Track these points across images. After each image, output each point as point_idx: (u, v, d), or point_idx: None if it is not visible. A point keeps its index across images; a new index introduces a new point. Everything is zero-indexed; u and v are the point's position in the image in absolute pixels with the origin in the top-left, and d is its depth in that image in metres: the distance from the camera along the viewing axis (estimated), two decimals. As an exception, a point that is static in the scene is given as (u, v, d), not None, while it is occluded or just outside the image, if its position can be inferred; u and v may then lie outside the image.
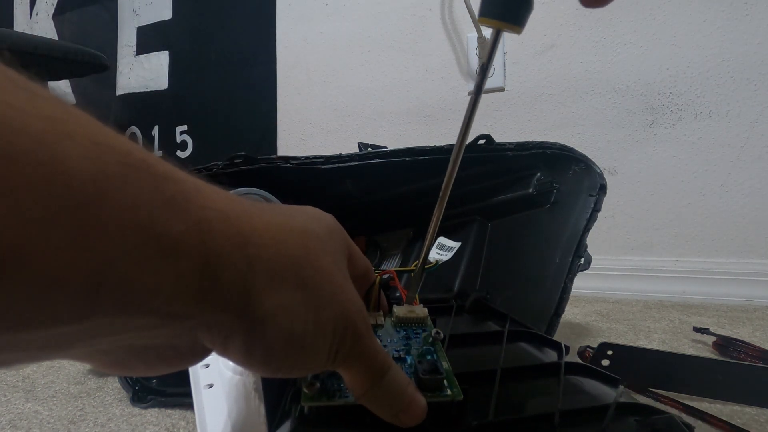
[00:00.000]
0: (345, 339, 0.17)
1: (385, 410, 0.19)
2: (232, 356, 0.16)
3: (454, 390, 0.21)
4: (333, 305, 0.17)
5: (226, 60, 1.19)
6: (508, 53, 0.93)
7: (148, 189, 0.12)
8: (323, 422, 0.20)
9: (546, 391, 0.24)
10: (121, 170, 0.12)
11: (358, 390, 0.19)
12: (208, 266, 0.13)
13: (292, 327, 0.16)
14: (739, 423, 0.34)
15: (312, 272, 0.17)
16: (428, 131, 1.00)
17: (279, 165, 0.50)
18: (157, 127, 1.28)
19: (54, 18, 1.43)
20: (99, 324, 0.12)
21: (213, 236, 0.14)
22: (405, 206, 0.56)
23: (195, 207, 0.14)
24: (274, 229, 0.16)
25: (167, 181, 0.13)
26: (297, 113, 1.13)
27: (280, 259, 0.16)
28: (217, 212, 0.14)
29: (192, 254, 0.13)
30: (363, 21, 1.05)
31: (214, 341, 0.15)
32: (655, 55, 0.82)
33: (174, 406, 0.41)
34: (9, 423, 0.40)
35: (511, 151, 0.49)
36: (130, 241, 0.12)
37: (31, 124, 0.10)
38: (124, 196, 0.11)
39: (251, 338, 0.15)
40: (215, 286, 0.14)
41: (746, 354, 0.48)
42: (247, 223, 0.15)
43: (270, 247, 0.16)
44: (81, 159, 0.11)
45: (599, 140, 0.86)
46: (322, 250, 0.18)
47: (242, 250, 0.15)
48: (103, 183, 0.11)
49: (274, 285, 0.15)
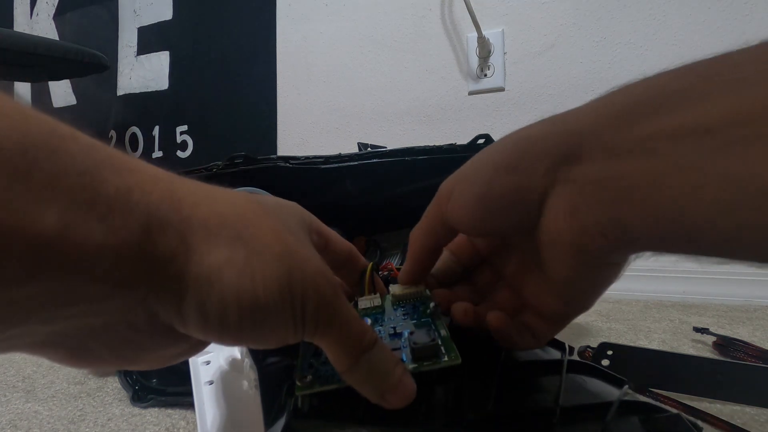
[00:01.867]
0: (306, 300, 0.16)
1: (370, 389, 0.19)
2: (191, 326, 0.15)
3: (452, 354, 0.20)
4: (283, 261, 0.16)
5: (226, 60, 1.19)
6: (508, 53, 0.93)
7: (79, 155, 0.13)
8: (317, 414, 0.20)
9: (547, 387, 0.24)
10: (49, 140, 0.12)
11: (339, 365, 0.18)
12: (144, 226, 0.14)
13: (239, 282, 0.15)
14: (739, 423, 0.34)
15: (254, 230, 0.16)
16: (428, 131, 1.00)
17: (279, 165, 0.50)
18: (158, 128, 1.28)
19: (54, 18, 1.43)
20: (46, 289, 0.12)
21: (146, 197, 0.14)
22: (405, 206, 0.56)
23: (125, 170, 0.14)
24: (207, 191, 0.17)
25: (95, 150, 0.13)
26: (297, 113, 1.13)
27: (216, 218, 0.16)
28: (147, 175, 0.15)
29: (128, 215, 0.13)
30: (363, 21, 1.05)
31: (168, 311, 0.15)
32: (655, 55, 0.82)
33: (174, 406, 0.41)
34: (9, 423, 0.40)
35: (511, 151, 0.49)
36: (64, 205, 0.12)
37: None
38: (54, 163, 0.12)
39: (201, 299, 0.15)
40: (155, 248, 0.14)
41: (746, 354, 0.48)
42: (179, 186, 0.16)
43: (204, 206, 0.16)
44: (10, 130, 0.11)
45: (599, 140, 0.86)
46: (266, 214, 0.17)
47: (177, 210, 0.15)
48: (33, 151, 0.12)
49: (213, 241, 0.15)
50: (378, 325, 0.23)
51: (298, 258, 0.17)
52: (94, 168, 0.13)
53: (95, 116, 1.37)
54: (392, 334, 0.23)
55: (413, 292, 0.25)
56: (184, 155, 1.24)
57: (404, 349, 0.21)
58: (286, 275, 0.16)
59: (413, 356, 0.20)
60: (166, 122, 1.27)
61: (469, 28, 0.93)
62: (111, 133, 1.34)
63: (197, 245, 0.15)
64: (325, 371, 0.20)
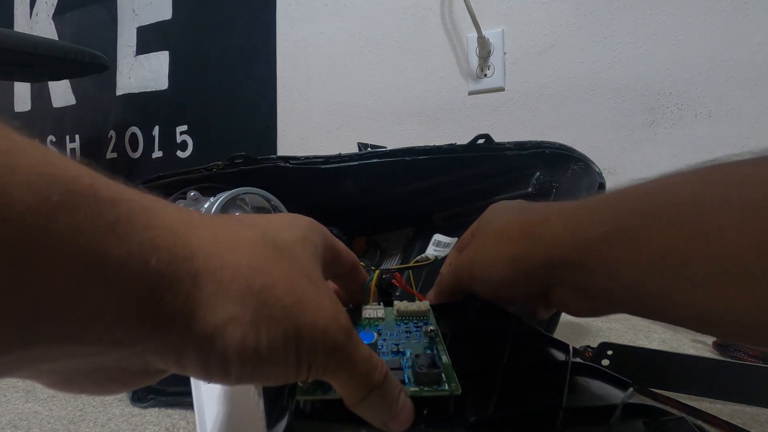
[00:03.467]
0: (315, 351, 0.16)
1: (375, 419, 0.19)
2: (190, 373, 0.15)
3: (453, 384, 0.21)
4: (292, 314, 0.16)
5: (226, 60, 1.19)
6: (508, 53, 0.93)
7: (91, 215, 0.12)
8: (319, 416, 0.20)
9: (550, 389, 0.24)
10: (63, 199, 0.12)
11: (348, 400, 0.18)
12: (150, 288, 0.13)
13: (244, 339, 0.15)
14: (739, 423, 0.34)
15: (266, 280, 0.16)
16: (428, 131, 1.00)
17: (279, 165, 0.50)
18: (158, 128, 1.27)
19: (54, 18, 1.43)
20: (39, 353, 0.12)
21: (158, 255, 0.14)
22: (405, 206, 0.56)
23: (140, 228, 0.13)
24: (223, 238, 0.16)
25: (113, 205, 0.13)
26: (297, 113, 1.13)
27: (227, 271, 0.15)
28: (163, 230, 0.14)
29: (134, 278, 0.13)
30: (363, 21, 1.05)
31: (167, 362, 0.15)
32: (655, 55, 0.82)
33: (174, 406, 0.41)
34: (9, 423, 0.40)
35: (510, 151, 0.49)
36: (69, 270, 0.12)
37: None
38: (65, 225, 0.12)
39: (203, 354, 0.15)
40: (159, 308, 0.14)
41: (746, 354, 0.48)
42: (195, 236, 0.15)
43: (216, 256, 0.15)
44: (23, 191, 0.11)
45: (599, 140, 0.86)
46: (280, 258, 0.17)
47: (188, 264, 0.14)
48: (44, 213, 0.11)
49: (221, 297, 0.15)
50: (381, 338, 0.24)
51: (310, 307, 0.17)
52: (105, 230, 0.12)
53: (95, 116, 1.37)
54: (395, 352, 0.23)
55: (416, 310, 0.26)
56: (184, 155, 1.24)
57: (406, 370, 0.21)
58: (294, 328, 0.16)
59: (416, 379, 0.21)
60: (165, 122, 1.26)
61: (469, 28, 0.93)
62: (111, 133, 1.34)
63: (204, 301, 0.15)
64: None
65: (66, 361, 0.13)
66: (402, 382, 0.21)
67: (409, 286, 0.34)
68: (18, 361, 0.12)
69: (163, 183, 0.51)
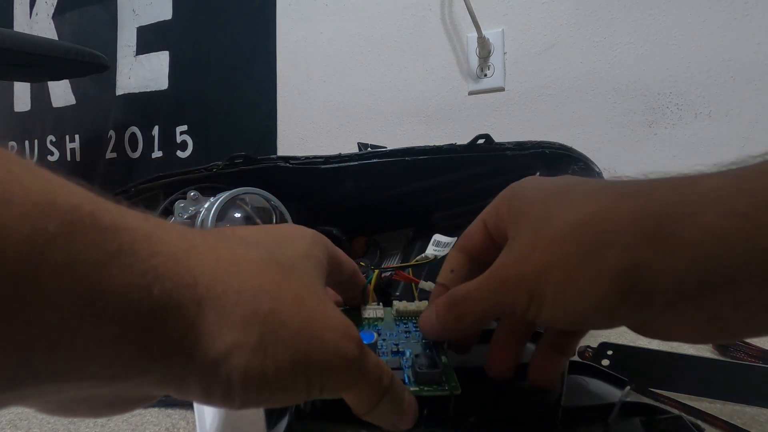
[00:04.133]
0: (330, 371, 0.16)
1: (385, 422, 0.19)
2: (191, 398, 0.15)
3: (452, 384, 0.21)
4: (300, 337, 0.15)
5: (226, 60, 1.19)
6: (508, 53, 0.93)
7: (92, 245, 0.12)
8: (319, 416, 0.20)
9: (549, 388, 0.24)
10: (60, 229, 0.11)
11: (360, 410, 0.18)
12: (152, 318, 0.13)
13: (248, 365, 0.14)
14: (739, 423, 0.34)
15: (272, 304, 0.15)
16: (428, 131, 1.00)
17: (279, 165, 0.50)
18: (157, 128, 1.27)
19: (54, 18, 1.43)
20: (30, 392, 0.12)
21: (161, 285, 0.13)
22: (405, 206, 0.56)
23: (143, 256, 0.13)
24: (227, 261, 0.15)
25: (115, 233, 0.12)
26: (297, 113, 1.13)
27: (231, 295, 0.15)
28: (166, 257, 0.14)
29: (135, 309, 0.12)
30: (363, 21, 1.05)
31: (167, 389, 0.14)
32: (655, 55, 0.82)
33: (174, 406, 0.41)
34: (9, 423, 0.39)
35: (511, 151, 0.49)
36: (66, 303, 0.11)
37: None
38: (63, 256, 0.11)
39: (206, 381, 0.14)
40: (160, 339, 0.13)
41: (746, 354, 0.48)
42: (198, 261, 0.14)
43: (221, 282, 0.15)
44: (18, 223, 0.10)
45: (599, 140, 0.86)
46: (286, 278, 0.17)
47: (191, 291, 0.14)
48: (40, 244, 0.11)
49: (226, 324, 0.14)
50: (380, 338, 0.24)
51: (319, 327, 0.16)
52: (106, 260, 0.12)
53: (95, 116, 1.37)
54: (394, 352, 0.23)
55: (416, 310, 0.26)
56: (184, 155, 1.24)
57: (406, 370, 0.21)
58: (303, 352, 0.15)
59: (416, 379, 0.21)
60: (165, 122, 1.26)
61: (469, 28, 0.93)
62: (110, 133, 1.34)
63: (207, 329, 0.14)
64: None
65: (59, 395, 0.13)
66: (402, 382, 0.21)
67: (410, 276, 0.34)
68: (6, 399, 0.12)
69: (163, 183, 0.50)
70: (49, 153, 1.45)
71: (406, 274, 0.33)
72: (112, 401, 0.15)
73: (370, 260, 0.57)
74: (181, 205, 0.47)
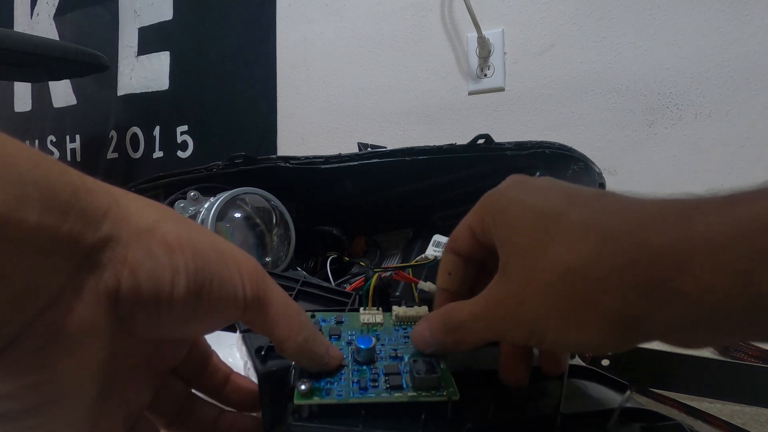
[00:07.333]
0: (242, 265, 0.18)
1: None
2: (143, 280, 0.15)
3: (450, 389, 0.21)
4: (210, 234, 0.18)
5: (226, 60, 1.19)
6: (508, 53, 0.93)
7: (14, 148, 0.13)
8: (316, 419, 0.20)
9: (548, 393, 0.24)
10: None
11: (279, 335, 0.20)
12: (74, 189, 0.14)
13: (178, 231, 0.16)
14: (739, 423, 0.34)
15: (182, 218, 0.18)
16: (428, 131, 1.00)
17: (279, 165, 0.50)
18: (158, 128, 1.28)
19: (55, 18, 1.43)
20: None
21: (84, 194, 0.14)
22: (405, 206, 0.56)
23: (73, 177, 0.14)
24: (134, 196, 0.17)
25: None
26: (297, 113, 1.13)
27: (144, 210, 0.17)
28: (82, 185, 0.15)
29: (58, 187, 0.14)
30: (363, 21, 1.05)
31: (116, 268, 0.15)
32: (655, 55, 0.82)
33: None
34: None
35: (511, 151, 0.49)
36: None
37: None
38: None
39: (146, 246, 0.15)
40: (84, 204, 0.14)
41: (746, 354, 0.48)
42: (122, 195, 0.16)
43: (133, 200, 0.17)
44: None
45: (599, 140, 0.86)
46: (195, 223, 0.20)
47: (107, 193, 0.16)
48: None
49: (141, 205, 0.16)
50: (379, 343, 0.24)
51: (228, 248, 0.19)
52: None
53: (95, 116, 1.37)
54: (393, 357, 0.23)
55: (415, 315, 0.26)
56: (184, 155, 1.24)
57: (404, 375, 0.21)
58: (219, 243, 0.18)
59: (414, 384, 0.21)
60: (166, 122, 1.27)
61: (469, 28, 0.93)
62: (112, 134, 1.34)
63: (128, 205, 0.16)
64: (323, 384, 0.21)
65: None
66: (400, 387, 0.21)
67: (410, 276, 0.34)
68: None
69: (164, 183, 0.51)
70: (50, 153, 1.45)
71: (406, 274, 0.33)
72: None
73: (370, 260, 0.57)
74: (181, 205, 0.47)
